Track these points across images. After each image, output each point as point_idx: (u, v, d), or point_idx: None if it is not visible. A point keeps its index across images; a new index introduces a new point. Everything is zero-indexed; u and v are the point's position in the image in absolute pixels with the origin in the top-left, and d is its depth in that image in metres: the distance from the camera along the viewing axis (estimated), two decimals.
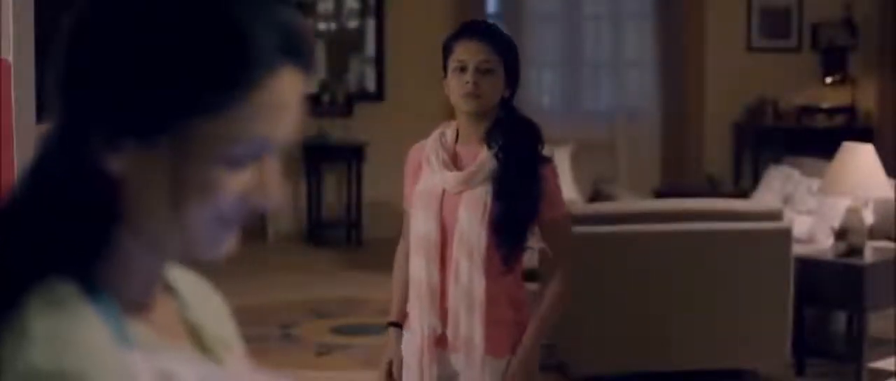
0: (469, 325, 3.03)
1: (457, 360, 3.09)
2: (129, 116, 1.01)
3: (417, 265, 3.10)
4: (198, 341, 1.15)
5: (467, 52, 3.04)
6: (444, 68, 3.10)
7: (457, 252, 3.03)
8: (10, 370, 0.95)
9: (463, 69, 3.03)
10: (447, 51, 3.09)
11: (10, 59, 3.37)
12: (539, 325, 3.08)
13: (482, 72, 3.02)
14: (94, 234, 1.04)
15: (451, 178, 3.06)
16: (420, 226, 3.09)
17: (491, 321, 3.03)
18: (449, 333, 3.07)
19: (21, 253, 1.02)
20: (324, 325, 6.58)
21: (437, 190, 3.08)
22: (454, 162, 3.10)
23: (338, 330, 6.48)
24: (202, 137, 1.01)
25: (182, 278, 1.17)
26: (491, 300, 3.02)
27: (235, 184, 1.03)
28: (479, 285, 3.01)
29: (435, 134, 3.17)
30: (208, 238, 1.05)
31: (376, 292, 7.30)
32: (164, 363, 1.03)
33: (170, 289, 1.15)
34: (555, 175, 3.09)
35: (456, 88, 3.05)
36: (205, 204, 1.03)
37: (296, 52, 1.04)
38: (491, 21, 9.34)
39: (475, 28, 3.13)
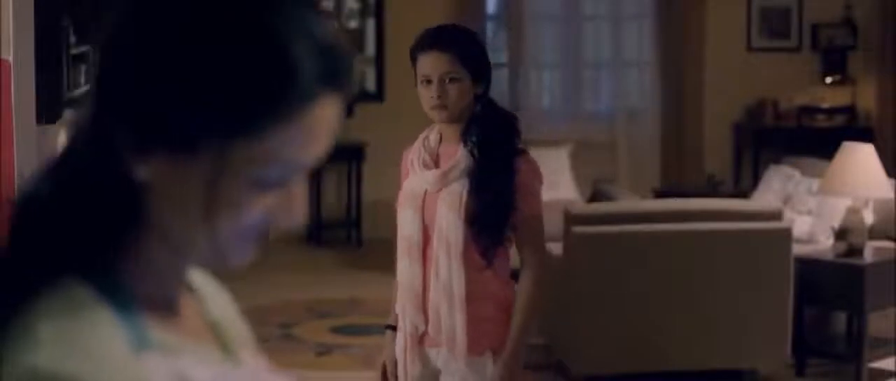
0: (450, 321, 3.07)
1: (437, 356, 3.12)
2: (163, 129, 1.00)
3: (402, 266, 3.15)
4: (220, 339, 1.15)
5: (430, 66, 3.08)
6: (415, 74, 3.14)
7: (436, 249, 3.07)
8: (14, 369, 0.94)
9: (429, 82, 3.08)
10: (413, 60, 3.14)
11: (10, 59, 3.37)
12: (518, 326, 3.08)
13: (447, 82, 3.06)
14: (114, 236, 1.03)
15: (429, 176, 3.11)
16: (404, 227, 3.14)
17: (472, 317, 3.05)
18: (430, 329, 3.11)
19: (37, 250, 1.02)
20: (324, 325, 6.59)
21: (420, 191, 3.12)
22: (436, 163, 3.14)
23: (338, 330, 6.48)
24: (237, 158, 1.00)
25: (198, 277, 1.17)
26: (471, 296, 3.05)
27: (263, 202, 1.03)
28: (459, 281, 3.04)
29: (420, 137, 3.22)
30: (231, 249, 1.05)
31: (376, 292, 7.29)
32: (180, 366, 1.03)
33: (191, 289, 1.15)
34: (531, 169, 3.10)
35: (424, 100, 3.10)
36: (232, 219, 1.02)
37: (337, 79, 1.03)
38: (491, 23, 9.41)
39: (435, 39, 3.13)
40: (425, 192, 3.11)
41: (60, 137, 4.82)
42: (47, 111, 4.14)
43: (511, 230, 3.08)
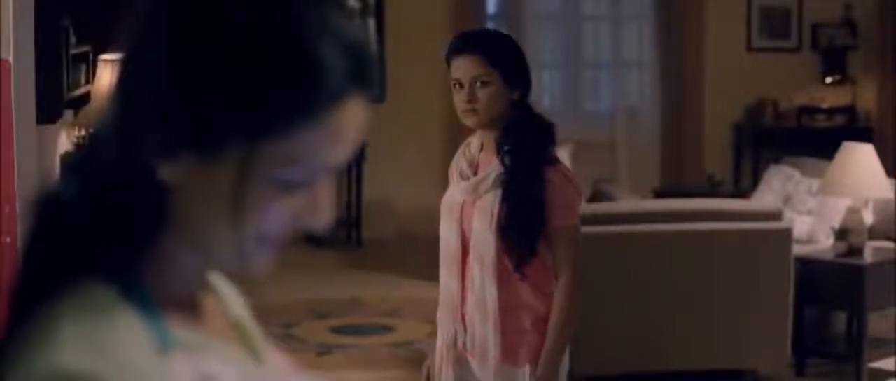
0: (483, 332, 3.04)
1: (474, 366, 3.11)
2: (188, 130, 1.00)
3: (443, 275, 3.14)
4: (243, 338, 1.14)
5: (460, 70, 3.04)
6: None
7: (471, 260, 3.05)
8: (37, 369, 0.94)
9: (461, 86, 3.03)
10: (448, 65, 3.10)
11: (10, 59, 3.37)
12: (550, 341, 3.02)
13: (477, 86, 3.01)
14: (138, 237, 1.03)
15: (464, 187, 3.08)
16: (444, 237, 3.12)
17: (507, 330, 3.02)
18: (467, 340, 3.09)
19: (61, 251, 1.01)
20: (324, 325, 6.58)
21: (458, 201, 3.09)
22: (475, 172, 3.11)
23: (338, 330, 6.48)
24: (263, 158, 1.00)
25: (215, 277, 1.17)
26: (505, 308, 3.01)
27: (288, 204, 1.03)
28: (491, 293, 3.01)
29: (462, 145, 3.19)
30: (254, 251, 1.04)
31: (376, 292, 7.30)
32: (206, 365, 1.02)
33: (212, 289, 1.15)
34: (566, 179, 3.04)
35: (456, 104, 3.06)
36: (257, 221, 1.02)
37: (363, 80, 1.03)
38: (490, 23, 9.40)
39: (464, 43, 3.10)
40: (463, 202, 3.08)
41: (61, 138, 4.82)
42: (47, 111, 4.14)
43: (545, 242, 3.02)
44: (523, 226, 2.98)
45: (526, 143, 3.03)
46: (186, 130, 1.00)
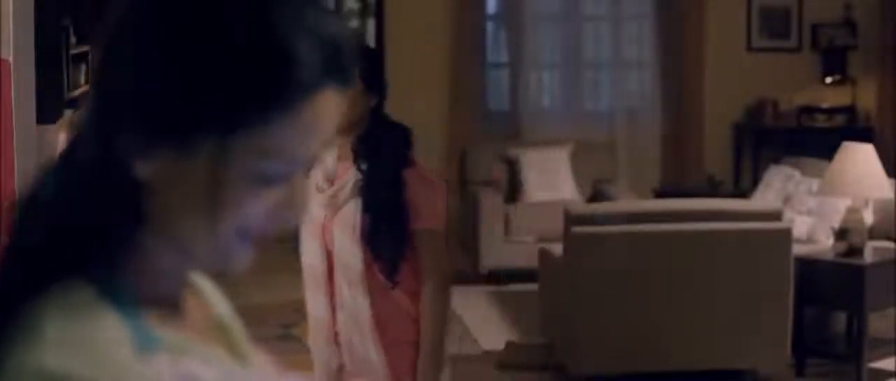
0: (364, 350, 2.94)
1: None
2: (163, 126, 1.00)
3: (309, 301, 3.03)
4: (226, 339, 1.14)
5: None
6: None
7: (338, 277, 2.94)
8: (18, 370, 0.94)
9: None
10: None
11: (10, 59, 3.37)
12: (424, 350, 2.91)
13: None
14: (117, 236, 1.03)
15: (320, 200, 2.96)
16: (307, 257, 3.01)
17: (388, 343, 2.93)
18: (347, 362, 2.99)
19: (40, 251, 1.01)
20: None
21: (319, 217, 2.98)
22: (331, 184, 2.99)
23: None
24: (238, 153, 1.00)
25: (198, 277, 1.17)
26: (382, 321, 2.92)
27: (266, 199, 1.03)
28: (364, 307, 2.91)
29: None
30: (233, 248, 1.04)
31: None
32: (187, 366, 1.02)
33: (194, 289, 1.14)
34: (426, 181, 2.95)
35: None
36: (234, 216, 1.02)
37: (338, 72, 1.03)
38: (491, 23, 9.40)
39: None
40: (325, 217, 2.96)
41: (61, 137, 4.82)
42: (47, 111, 4.14)
43: (412, 246, 2.91)
44: (388, 232, 2.88)
45: (382, 147, 2.93)
46: (161, 127, 1.00)
